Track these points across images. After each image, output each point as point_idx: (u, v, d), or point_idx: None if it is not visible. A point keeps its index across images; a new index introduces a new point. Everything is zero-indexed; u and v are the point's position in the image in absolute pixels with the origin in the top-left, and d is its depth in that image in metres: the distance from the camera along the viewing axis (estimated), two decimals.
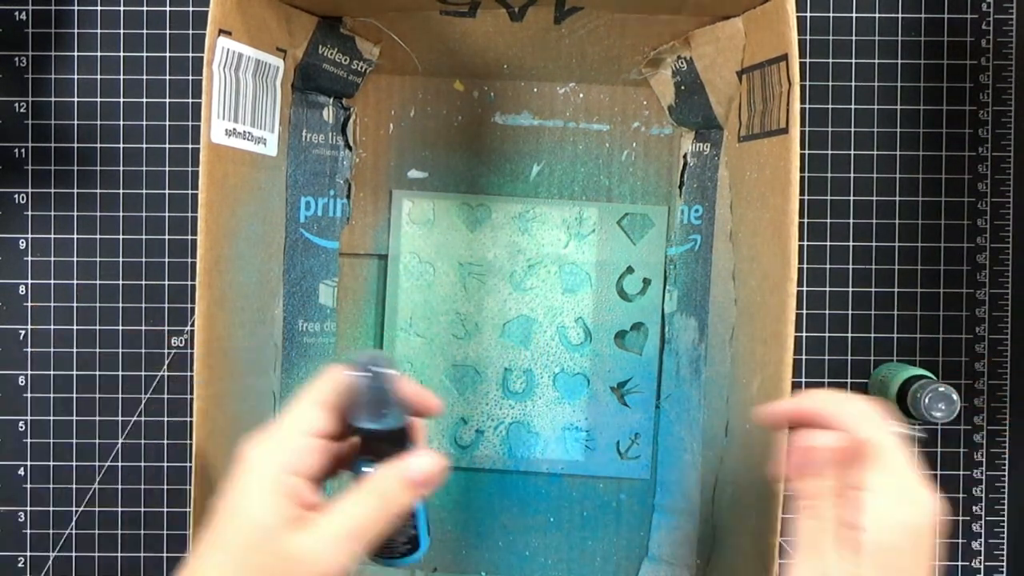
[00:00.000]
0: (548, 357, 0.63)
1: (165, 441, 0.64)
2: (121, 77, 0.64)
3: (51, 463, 0.64)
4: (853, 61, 0.64)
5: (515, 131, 0.63)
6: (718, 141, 0.60)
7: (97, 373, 0.64)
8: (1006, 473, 0.64)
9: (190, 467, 0.54)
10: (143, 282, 0.64)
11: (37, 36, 0.64)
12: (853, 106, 0.64)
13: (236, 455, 0.40)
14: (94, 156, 0.64)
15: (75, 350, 0.64)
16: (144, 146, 0.64)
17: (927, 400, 0.57)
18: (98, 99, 0.64)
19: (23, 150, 0.64)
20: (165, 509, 0.64)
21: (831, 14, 0.64)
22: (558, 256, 0.63)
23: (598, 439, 0.63)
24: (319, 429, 0.41)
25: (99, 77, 0.64)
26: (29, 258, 0.64)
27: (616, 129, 0.62)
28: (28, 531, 0.64)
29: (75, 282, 0.64)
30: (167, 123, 0.64)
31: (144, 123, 0.64)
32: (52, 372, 0.64)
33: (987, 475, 0.64)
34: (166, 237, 0.64)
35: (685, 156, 0.62)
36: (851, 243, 0.64)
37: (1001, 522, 0.64)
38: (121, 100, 0.64)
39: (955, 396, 0.57)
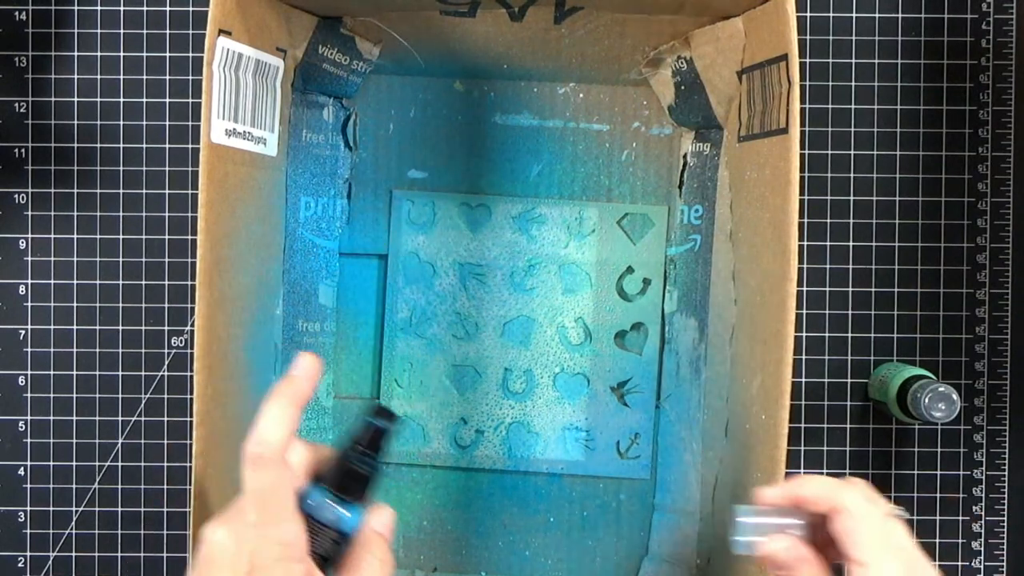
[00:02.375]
0: (548, 357, 0.63)
1: (165, 441, 0.64)
2: (121, 77, 0.64)
3: (51, 463, 0.64)
4: (853, 61, 0.64)
5: (515, 131, 0.63)
6: (718, 141, 0.60)
7: (97, 373, 0.64)
8: (1006, 473, 0.64)
9: (190, 467, 0.54)
10: (143, 282, 0.64)
11: (37, 36, 0.64)
12: (853, 106, 0.64)
13: (199, 538, 0.41)
14: (94, 156, 0.64)
15: (75, 350, 0.64)
16: (144, 146, 0.64)
17: (927, 400, 0.57)
18: (98, 99, 0.64)
19: (23, 150, 0.64)
20: (165, 509, 0.64)
21: (831, 14, 0.64)
22: (558, 256, 0.63)
23: (598, 439, 0.63)
24: (293, 508, 0.41)
25: (99, 77, 0.64)
26: (29, 258, 0.64)
27: (616, 129, 0.62)
28: (28, 531, 0.64)
29: (75, 282, 0.64)
30: (167, 123, 0.64)
31: (144, 123, 0.64)
32: (52, 372, 0.64)
33: (987, 475, 0.64)
34: (166, 237, 0.64)
35: (685, 156, 0.62)
36: (851, 243, 0.64)
37: (1001, 522, 0.64)
38: (121, 100, 0.64)
39: (955, 396, 0.57)
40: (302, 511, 0.42)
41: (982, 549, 0.64)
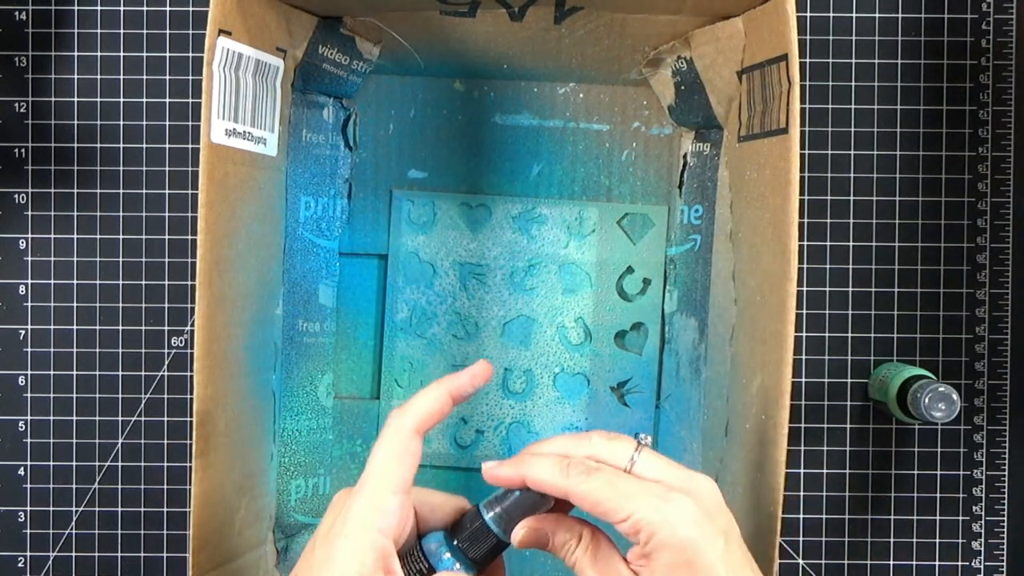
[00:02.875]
0: (548, 357, 0.63)
1: (165, 441, 0.64)
2: (121, 77, 0.64)
3: (51, 463, 0.64)
4: (853, 61, 0.64)
5: (515, 131, 0.63)
6: (718, 141, 0.60)
7: (97, 373, 0.64)
8: (1006, 473, 0.64)
9: (190, 467, 0.54)
10: (143, 282, 0.64)
11: (37, 36, 0.64)
12: (853, 106, 0.64)
13: (333, 503, 0.42)
14: (94, 156, 0.64)
15: (75, 350, 0.64)
16: (144, 146, 0.64)
17: (927, 400, 0.57)
18: (98, 99, 0.64)
19: (23, 150, 0.64)
20: (165, 509, 0.64)
21: (831, 14, 0.64)
22: (558, 256, 0.63)
23: None
24: (405, 486, 0.42)
25: (99, 77, 0.64)
26: (29, 258, 0.64)
27: (616, 129, 0.62)
28: (28, 531, 0.64)
29: (75, 282, 0.64)
30: (167, 123, 0.64)
31: (144, 123, 0.64)
32: (52, 372, 0.64)
33: (987, 475, 0.64)
34: (166, 237, 0.64)
35: (685, 156, 0.62)
36: (851, 243, 0.64)
37: (1001, 522, 0.64)
38: (121, 100, 0.64)
39: (955, 396, 0.57)
40: (419, 542, 0.42)
41: (982, 549, 0.64)
